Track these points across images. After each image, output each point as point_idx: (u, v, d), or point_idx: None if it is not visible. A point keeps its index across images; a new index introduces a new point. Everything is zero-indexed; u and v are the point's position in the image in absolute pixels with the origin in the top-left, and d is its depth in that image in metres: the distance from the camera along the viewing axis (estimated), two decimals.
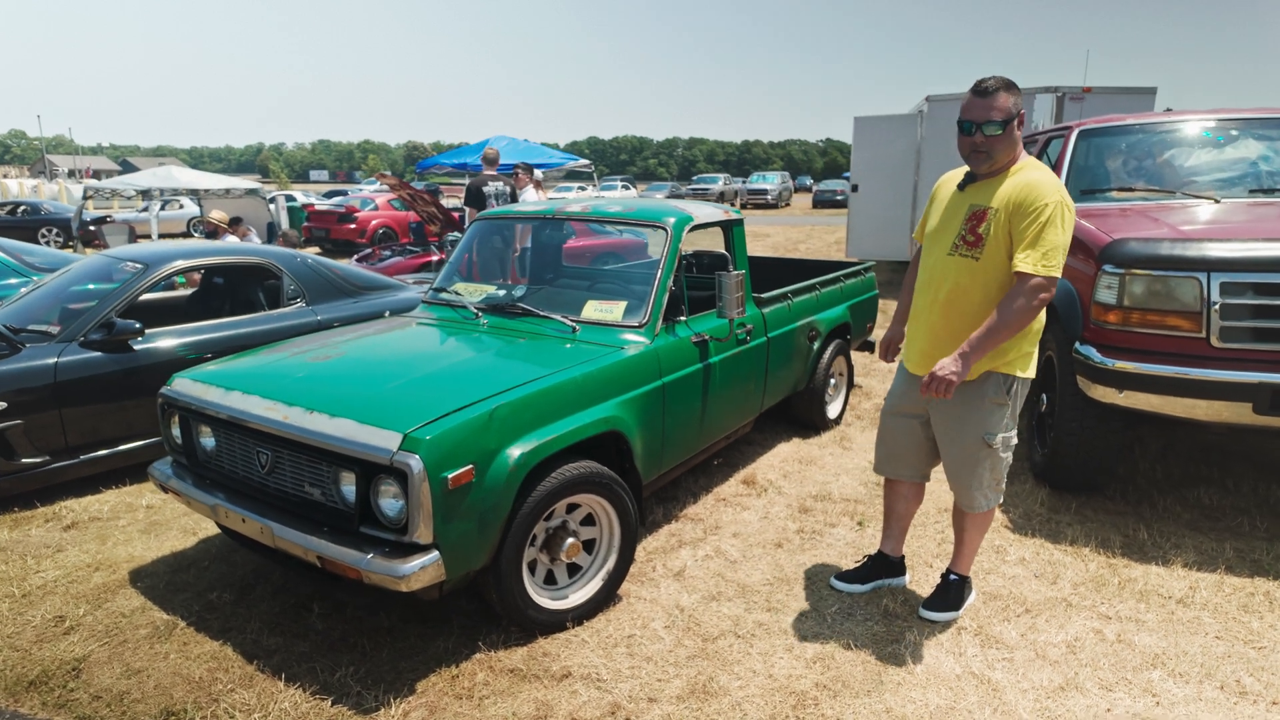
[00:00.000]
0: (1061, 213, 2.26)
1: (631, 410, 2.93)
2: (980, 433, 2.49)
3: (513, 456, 2.43)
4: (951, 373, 2.30)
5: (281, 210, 17.30)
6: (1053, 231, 2.25)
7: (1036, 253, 2.25)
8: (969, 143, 2.35)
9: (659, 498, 3.76)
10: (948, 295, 2.45)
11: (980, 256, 2.38)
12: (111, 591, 2.98)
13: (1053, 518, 3.53)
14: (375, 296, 5.06)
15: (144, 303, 4.98)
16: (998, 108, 2.29)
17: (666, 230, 3.40)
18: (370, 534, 2.35)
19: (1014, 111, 2.31)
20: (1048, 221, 2.25)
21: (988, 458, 2.52)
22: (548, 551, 2.70)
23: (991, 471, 2.55)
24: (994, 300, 2.37)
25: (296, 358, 3.00)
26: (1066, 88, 9.02)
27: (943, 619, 2.72)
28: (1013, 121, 2.31)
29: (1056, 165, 4.69)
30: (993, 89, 2.31)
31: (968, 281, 2.41)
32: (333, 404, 2.48)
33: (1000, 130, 2.30)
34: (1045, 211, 2.26)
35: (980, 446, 2.51)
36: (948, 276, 2.45)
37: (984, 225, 2.36)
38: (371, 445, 2.28)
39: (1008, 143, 2.33)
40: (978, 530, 2.71)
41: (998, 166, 2.39)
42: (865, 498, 3.79)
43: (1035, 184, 2.30)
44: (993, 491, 2.59)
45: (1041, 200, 2.26)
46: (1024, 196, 2.29)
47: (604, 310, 3.26)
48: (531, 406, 2.55)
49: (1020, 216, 2.29)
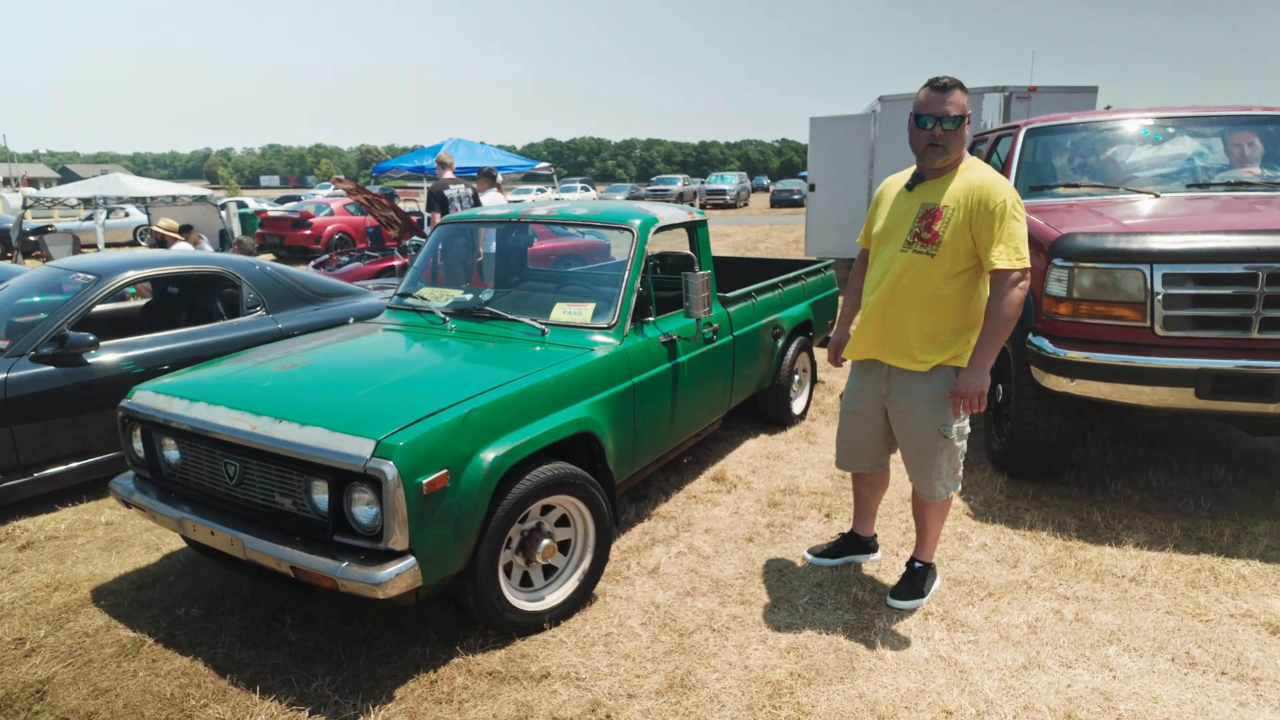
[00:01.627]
0: (1018, 206, 2.40)
1: (603, 411, 2.96)
2: (936, 425, 2.58)
3: (487, 460, 2.44)
4: (977, 388, 2.42)
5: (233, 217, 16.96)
6: (1015, 224, 2.36)
7: (1009, 248, 2.35)
8: (926, 136, 2.41)
9: (631, 497, 3.79)
10: (901, 289, 2.53)
11: (935, 253, 2.46)
12: (73, 611, 2.91)
13: (1011, 504, 3.65)
14: (337, 303, 5.00)
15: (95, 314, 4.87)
16: (954, 103, 2.39)
17: (633, 232, 3.43)
18: (344, 542, 2.34)
19: (967, 109, 2.42)
20: (1009, 216, 2.36)
21: (944, 448, 2.62)
22: (523, 554, 2.71)
23: (949, 461, 2.64)
24: (940, 294, 2.47)
25: (261, 367, 2.96)
26: (1013, 87, 9.29)
27: (909, 606, 2.80)
28: (965, 119, 2.42)
29: (1006, 162, 4.85)
30: (949, 85, 2.41)
31: (920, 276, 2.49)
32: (302, 412, 2.46)
33: (955, 125, 2.39)
34: (1005, 207, 2.36)
35: (937, 438, 2.60)
36: (902, 272, 2.52)
37: (940, 223, 2.44)
38: (344, 453, 2.27)
39: (960, 139, 2.43)
40: (938, 518, 2.80)
41: (948, 163, 2.48)
42: (831, 490, 3.87)
43: (989, 183, 2.41)
44: (951, 480, 2.68)
45: (999, 198, 2.37)
46: (982, 195, 2.39)
47: (573, 312, 3.28)
48: (504, 410, 2.56)
49: (982, 215, 2.38)
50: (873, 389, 2.75)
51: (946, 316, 2.51)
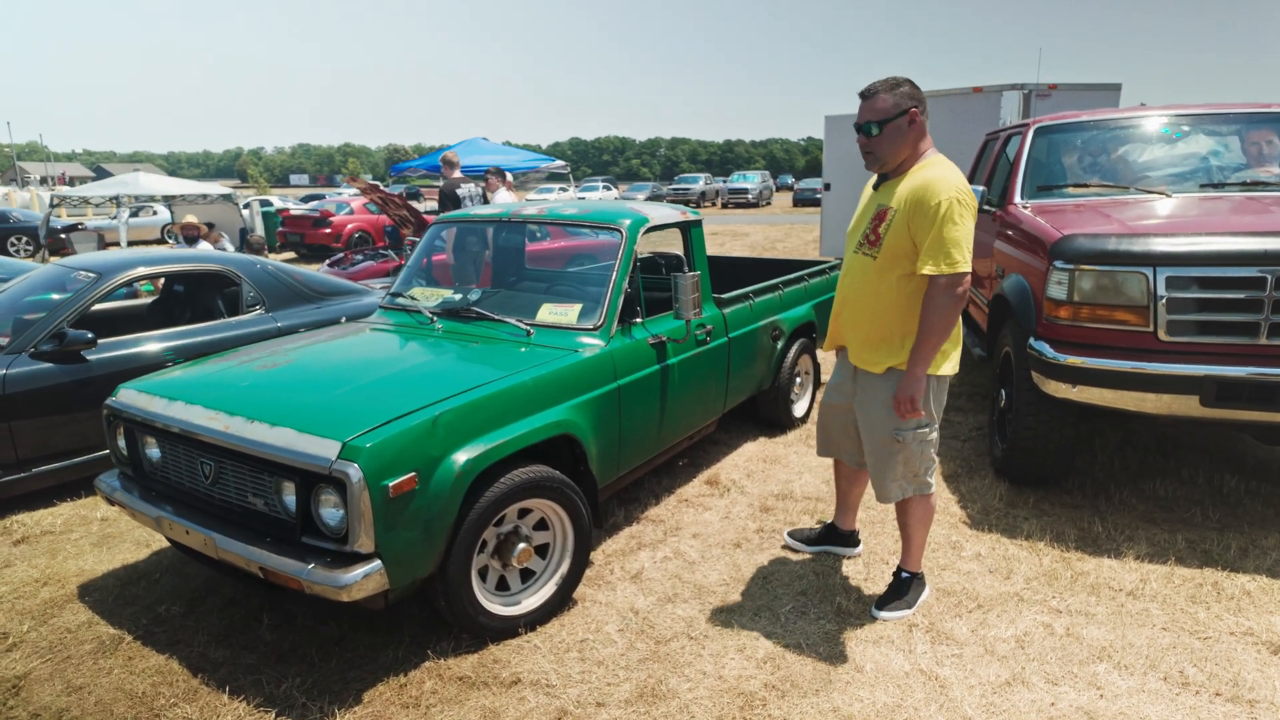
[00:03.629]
0: (955, 208, 2.28)
1: (585, 413, 2.92)
2: (889, 428, 2.55)
3: (458, 463, 2.41)
4: (907, 393, 2.41)
5: (256, 215, 17.20)
6: (950, 228, 2.28)
7: (939, 254, 2.30)
8: (861, 145, 2.45)
9: (620, 499, 3.75)
10: (851, 292, 2.57)
11: (877, 255, 2.45)
12: (58, 607, 2.93)
13: (1010, 512, 3.55)
14: (337, 302, 5.01)
15: (103, 312, 4.94)
16: (875, 108, 2.36)
17: (621, 233, 3.39)
18: (312, 544, 2.32)
19: (894, 111, 2.34)
20: (944, 219, 2.28)
21: (899, 452, 2.57)
22: (499, 557, 2.68)
23: (905, 465, 2.58)
24: (882, 298, 2.45)
25: (244, 366, 2.97)
26: (1033, 85, 9.10)
27: (893, 617, 2.73)
28: (894, 120, 2.34)
29: (1015, 162, 4.73)
30: (873, 91, 2.37)
31: (863, 279, 2.51)
32: (274, 413, 2.45)
33: (878, 130, 2.36)
34: (940, 209, 2.28)
35: (890, 441, 2.56)
36: (852, 274, 2.56)
37: (883, 225, 2.42)
38: (310, 454, 2.25)
39: (892, 141, 2.37)
40: (919, 525, 2.74)
41: (892, 166, 2.45)
42: (827, 495, 3.80)
43: (930, 182, 2.32)
44: (907, 483, 2.61)
45: (935, 199, 2.29)
46: (919, 196, 2.32)
47: (559, 313, 3.25)
48: (478, 411, 2.53)
49: (918, 217, 2.32)
50: (847, 385, 2.76)
51: (895, 319, 2.47)
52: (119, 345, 4.06)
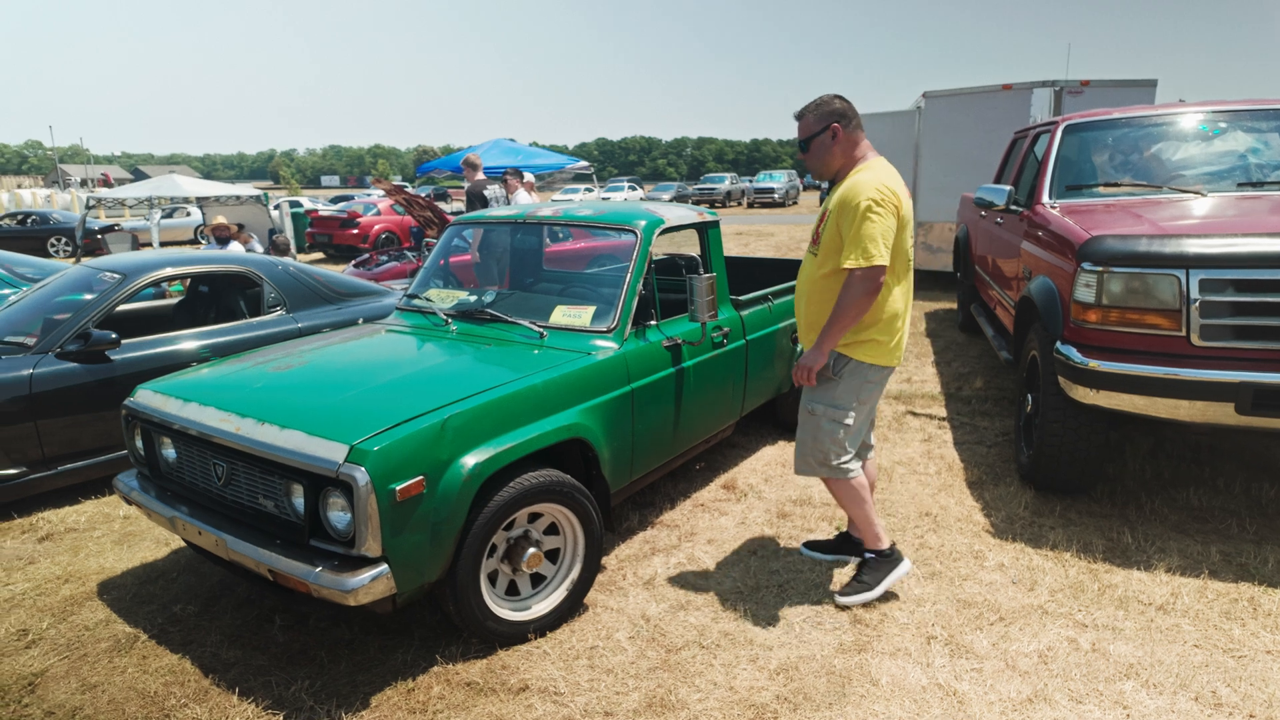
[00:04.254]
0: (874, 206, 2.47)
1: (597, 417, 2.89)
2: (806, 399, 2.78)
3: (466, 466, 2.39)
4: (806, 363, 2.65)
5: (286, 216, 17.44)
6: (867, 225, 2.47)
7: (857, 248, 2.48)
8: (801, 159, 2.73)
9: (635, 503, 3.71)
10: (801, 287, 2.80)
11: (817, 254, 2.69)
12: (78, 604, 2.97)
13: (1036, 521, 3.46)
14: (357, 303, 5.04)
15: (131, 312, 5.02)
16: (803, 129, 2.65)
17: (636, 234, 3.35)
18: (320, 547, 2.32)
19: (816, 128, 2.61)
20: (862, 217, 2.48)
21: (808, 423, 2.77)
22: (509, 562, 2.66)
23: (813, 440, 2.76)
24: (819, 291, 2.67)
25: (259, 368, 2.98)
26: (1065, 82, 8.89)
27: (854, 601, 2.80)
28: (818, 137, 2.62)
29: (1043, 161, 4.61)
30: (800, 114, 2.66)
31: (805, 274, 2.76)
32: (284, 415, 2.45)
33: (805, 149, 2.66)
34: (859, 209, 2.48)
35: (803, 412, 2.79)
36: (801, 270, 2.81)
37: (822, 226, 2.67)
38: (318, 457, 2.25)
39: (819, 155, 2.65)
40: (847, 504, 2.84)
41: (829, 175, 2.71)
42: None
43: (853, 185, 2.54)
44: (815, 462, 2.78)
45: (856, 199, 2.50)
46: (845, 198, 2.54)
47: (572, 315, 3.22)
48: (489, 415, 2.51)
49: (844, 217, 2.54)
50: None
51: (828, 309, 2.64)
52: (142, 345, 4.11)
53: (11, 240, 17.89)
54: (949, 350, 6.72)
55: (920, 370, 6.10)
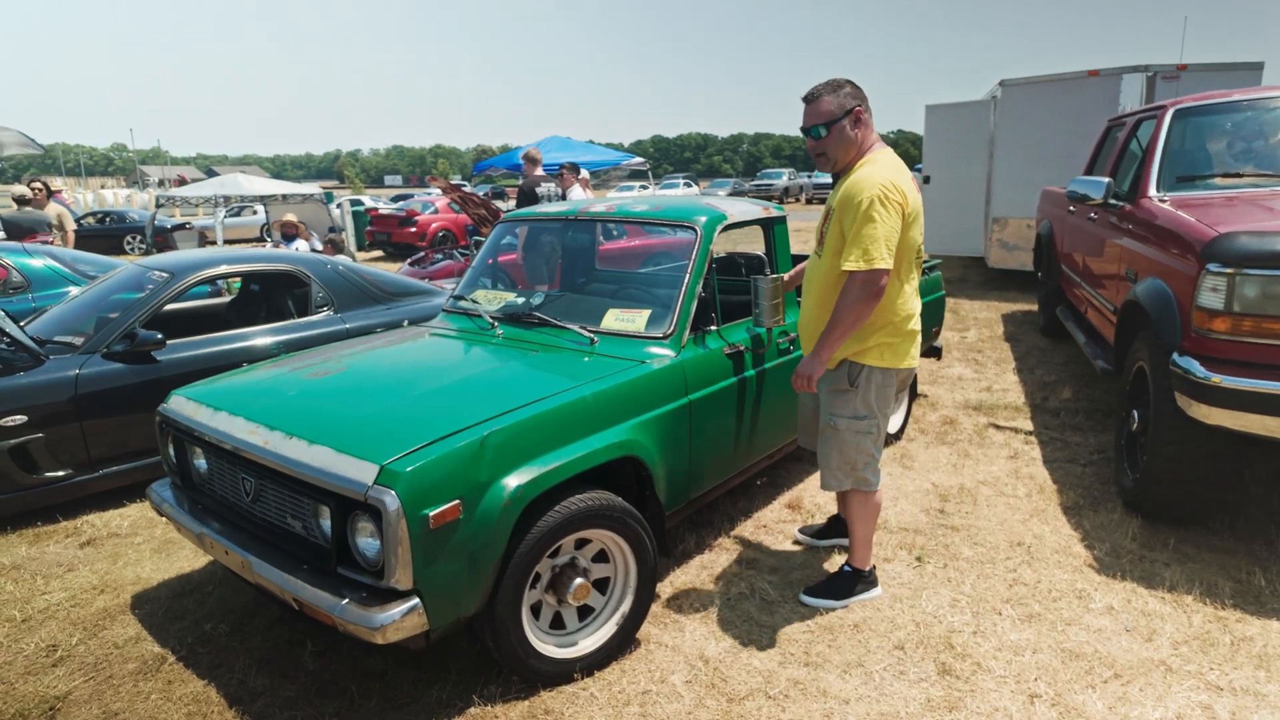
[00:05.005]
0: (877, 205, 2.31)
1: (652, 432, 2.63)
2: (826, 414, 2.64)
3: (508, 489, 2.15)
4: (805, 371, 2.51)
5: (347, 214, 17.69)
6: (869, 226, 2.31)
7: (857, 250, 2.33)
8: (810, 148, 2.51)
9: (691, 523, 3.44)
10: (808, 289, 2.65)
11: (822, 254, 2.55)
12: (110, 618, 2.85)
13: (1146, 555, 3.06)
14: (407, 303, 4.89)
15: (184, 311, 4.98)
16: (820, 112, 2.42)
17: (695, 231, 3.07)
18: (349, 576, 2.11)
19: (838, 112, 2.41)
20: (864, 216, 2.32)
21: (832, 438, 2.64)
22: (554, 592, 2.42)
23: (839, 454, 2.63)
24: (824, 295, 2.54)
25: (295, 373, 2.81)
26: (1158, 66, 8.24)
27: (816, 604, 2.76)
28: (840, 121, 2.42)
29: (1148, 150, 4.16)
30: (815, 95, 2.44)
31: (811, 277, 2.61)
32: (314, 429, 2.25)
33: (826, 131, 2.43)
34: (862, 207, 2.32)
35: (825, 427, 2.65)
36: (808, 275, 2.64)
37: (826, 224, 2.51)
38: (345, 478, 2.04)
39: (839, 142, 2.44)
40: (859, 520, 2.74)
41: (841, 166, 2.50)
42: (926, 527, 3.38)
43: (858, 180, 2.37)
44: (844, 474, 2.65)
45: (858, 197, 2.34)
46: (849, 194, 2.37)
47: (625, 320, 2.97)
48: (532, 431, 2.27)
49: (847, 215, 2.37)
50: None
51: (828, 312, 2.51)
52: (189, 346, 4.02)
53: (90, 238, 18.58)
54: (1031, 356, 6.24)
55: (1001, 378, 5.66)
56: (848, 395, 2.59)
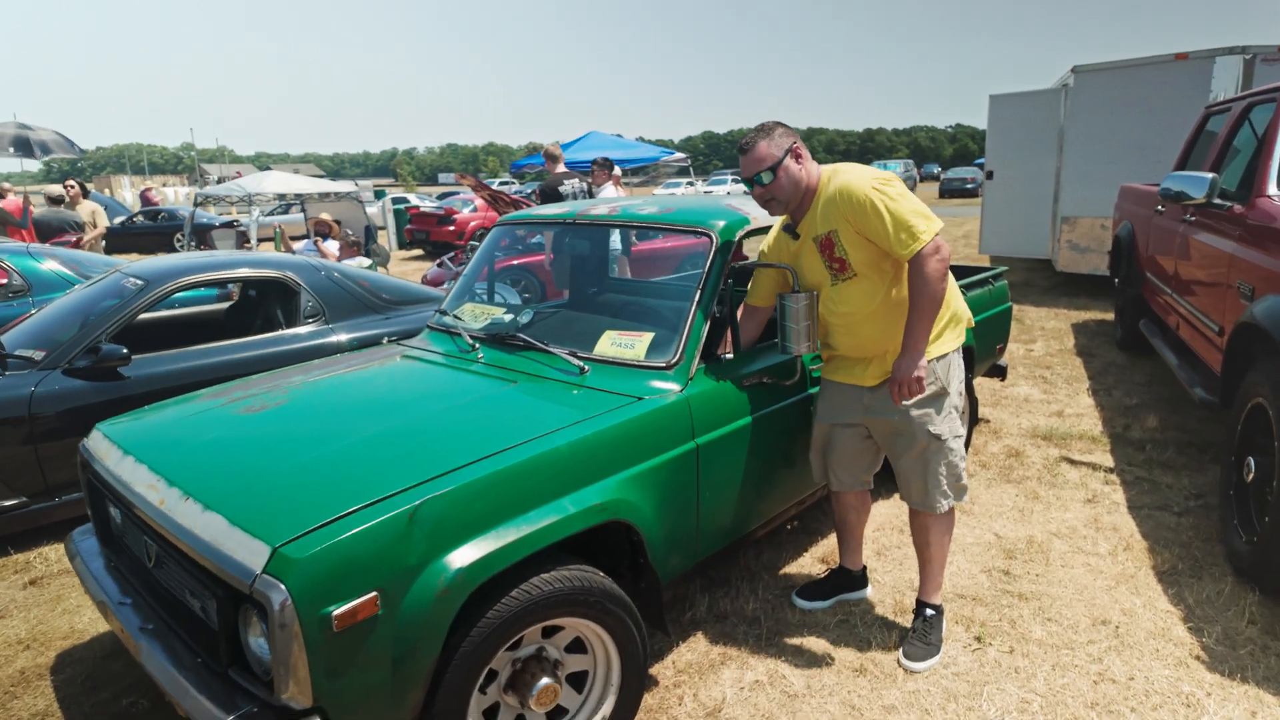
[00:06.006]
0: (883, 190, 2.21)
1: (647, 488, 2.13)
2: (925, 427, 2.38)
3: (446, 573, 1.69)
4: (913, 373, 2.25)
5: (388, 212, 17.60)
6: (894, 206, 2.19)
7: (904, 232, 2.18)
8: (758, 197, 2.38)
9: (703, 581, 2.93)
10: (856, 317, 2.38)
11: (855, 273, 2.33)
12: (26, 683, 2.48)
13: (1271, 646, 2.44)
14: (410, 311, 4.48)
15: (169, 320, 4.67)
16: (760, 158, 2.30)
17: (711, 238, 2.56)
18: (240, 683, 1.67)
19: (779, 153, 2.30)
20: (882, 206, 2.19)
21: (938, 452, 2.40)
22: (515, 693, 1.94)
23: (947, 467, 2.42)
24: (889, 301, 2.34)
25: (228, 408, 2.39)
26: (1258, 48, 7.36)
27: (925, 668, 2.39)
28: (783, 162, 2.30)
29: (1267, 140, 3.48)
30: (750, 143, 2.34)
31: (859, 297, 2.35)
32: (213, 489, 1.82)
33: (772, 176, 2.30)
34: (871, 201, 2.20)
35: (930, 441, 2.39)
36: (842, 301, 2.38)
37: (837, 249, 2.32)
38: (232, 560, 1.60)
39: (788, 182, 2.32)
40: (941, 544, 2.51)
41: (794, 205, 2.36)
42: (988, 594, 2.81)
43: (846, 186, 2.26)
44: (953, 490, 2.46)
45: (860, 193, 2.22)
46: (847, 207, 2.24)
47: (623, 344, 2.47)
48: (485, 495, 1.80)
49: (861, 218, 2.23)
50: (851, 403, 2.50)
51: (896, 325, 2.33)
52: (159, 361, 3.67)
53: (142, 235, 18.93)
54: (1107, 374, 5.54)
55: (1074, 400, 4.98)
56: (940, 398, 2.37)
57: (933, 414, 2.37)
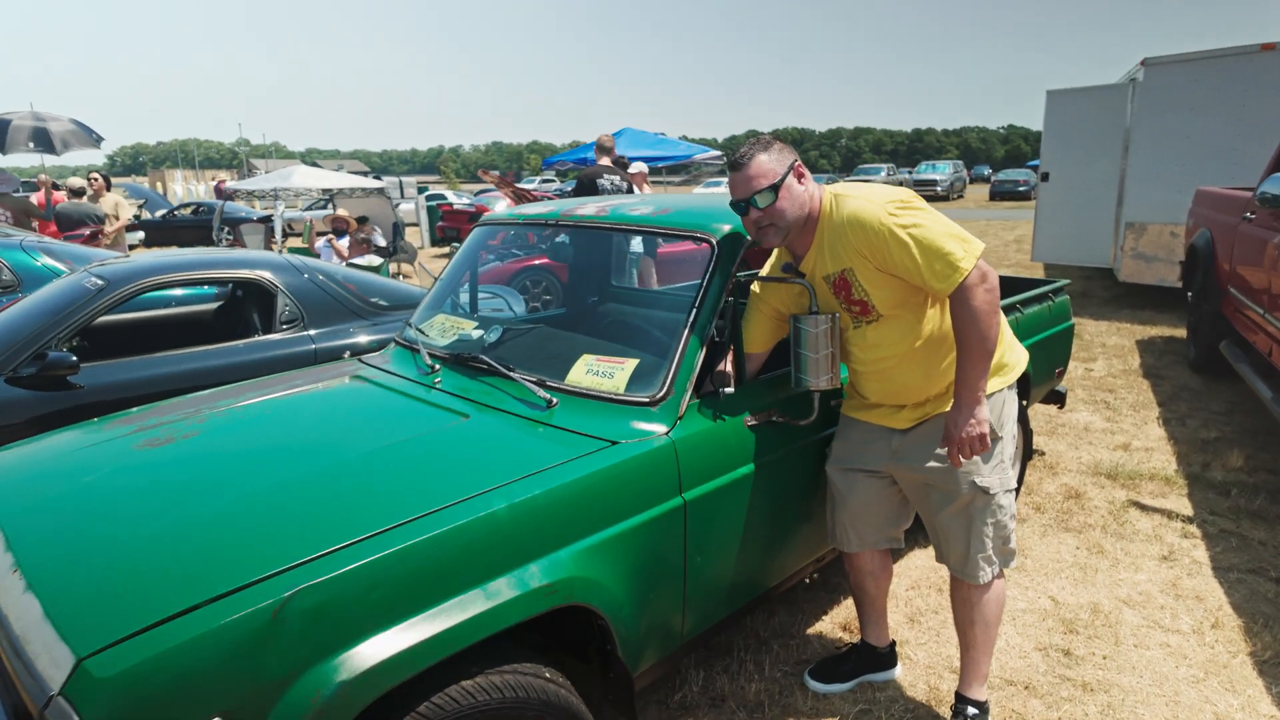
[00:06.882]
0: (899, 211, 1.86)
1: (614, 560, 1.70)
2: (970, 478, 2.00)
3: (326, 685, 1.28)
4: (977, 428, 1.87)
5: (421, 209, 17.46)
6: (922, 233, 1.84)
7: (939, 264, 1.82)
8: (751, 223, 1.98)
9: (699, 652, 2.48)
10: (888, 361, 2.02)
11: (882, 314, 1.97)
12: None
13: None
14: (398, 317, 4.12)
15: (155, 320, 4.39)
16: (761, 174, 1.92)
17: (711, 245, 2.12)
18: None
19: (781, 170, 1.93)
20: (906, 235, 1.84)
21: (985, 509, 2.02)
22: None
23: (995, 529, 2.04)
24: (930, 339, 1.98)
25: (125, 439, 2.01)
26: None
27: None
28: (785, 180, 1.93)
29: None
30: (746, 158, 1.95)
31: (890, 339, 1.99)
32: (47, 561, 1.44)
33: (773, 196, 1.92)
34: (889, 232, 1.84)
35: (975, 495, 2.01)
36: (870, 346, 2.01)
37: (855, 289, 1.96)
38: (33, 668, 1.21)
39: (791, 203, 1.94)
40: (987, 621, 2.07)
41: (796, 229, 1.97)
42: (1043, 682, 2.31)
43: (856, 215, 1.89)
44: (1000, 554, 2.08)
45: (876, 228, 1.85)
46: (862, 239, 1.88)
47: (600, 372, 2.04)
48: (384, 581, 1.38)
49: (883, 256, 1.87)
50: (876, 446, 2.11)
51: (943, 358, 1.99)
52: (113, 370, 3.35)
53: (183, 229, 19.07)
54: (1179, 399, 4.93)
55: (1141, 430, 4.40)
56: (995, 443, 2.02)
57: (979, 463, 2.00)
